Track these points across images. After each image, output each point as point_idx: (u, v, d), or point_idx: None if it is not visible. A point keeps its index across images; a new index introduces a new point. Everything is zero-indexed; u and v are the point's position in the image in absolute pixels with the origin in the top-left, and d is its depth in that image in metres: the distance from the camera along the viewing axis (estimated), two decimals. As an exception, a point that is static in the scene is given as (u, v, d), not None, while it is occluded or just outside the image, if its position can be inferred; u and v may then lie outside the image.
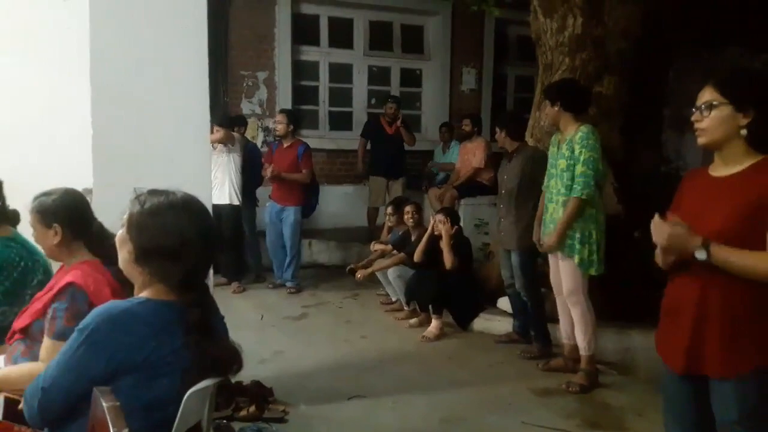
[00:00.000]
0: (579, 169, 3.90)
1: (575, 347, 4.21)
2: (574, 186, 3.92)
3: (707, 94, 2.02)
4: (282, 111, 6.71)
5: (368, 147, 7.86)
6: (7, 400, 1.91)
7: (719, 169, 2.06)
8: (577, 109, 4.03)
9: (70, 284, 2.21)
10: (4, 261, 2.58)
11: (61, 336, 2.07)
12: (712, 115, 1.99)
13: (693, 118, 2.04)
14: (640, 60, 5.22)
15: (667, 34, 5.85)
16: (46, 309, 2.22)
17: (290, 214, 6.34)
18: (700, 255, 1.92)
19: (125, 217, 1.82)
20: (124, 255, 1.82)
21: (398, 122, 7.55)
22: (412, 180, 7.93)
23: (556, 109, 4.02)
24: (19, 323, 2.33)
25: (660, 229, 2.01)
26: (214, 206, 4.27)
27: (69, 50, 3.09)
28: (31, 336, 2.29)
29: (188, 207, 1.81)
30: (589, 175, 3.89)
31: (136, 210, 1.79)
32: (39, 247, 2.49)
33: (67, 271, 2.30)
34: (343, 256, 7.32)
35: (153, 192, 1.83)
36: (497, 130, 4.77)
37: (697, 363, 2.06)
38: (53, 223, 2.33)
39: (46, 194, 2.40)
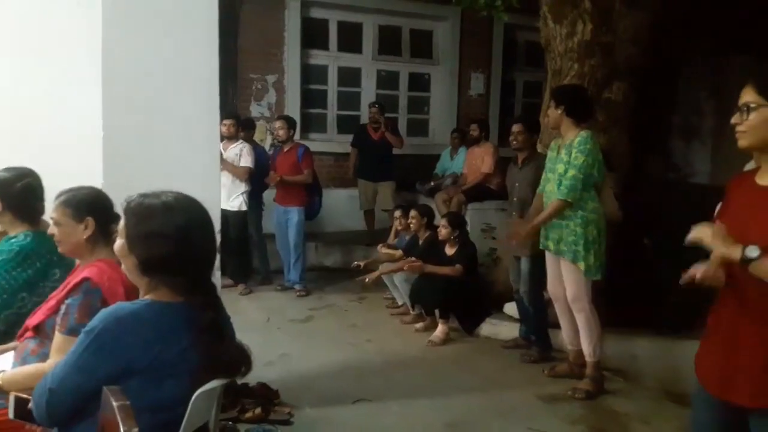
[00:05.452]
0: (570, 172, 3.92)
1: (580, 353, 4.20)
2: (561, 188, 3.94)
3: (747, 95, 1.87)
4: (280, 117, 6.78)
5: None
6: (17, 399, 1.92)
7: (765, 177, 1.92)
8: (579, 116, 4.05)
9: (85, 280, 2.20)
10: (31, 251, 2.61)
11: (72, 331, 2.06)
12: (751, 118, 1.85)
13: (733, 120, 1.90)
14: (648, 67, 5.22)
15: (676, 41, 5.85)
16: (60, 305, 2.22)
17: (294, 215, 6.40)
18: (751, 252, 1.75)
19: (120, 226, 1.82)
20: (128, 266, 1.83)
21: (383, 129, 7.55)
22: (404, 183, 7.90)
23: (559, 112, 4.05)
24: (32, 321, 2.34)
25: (705, 231, 1.85)
26: (221, 210, 4.30)
27: (81, 54, 3.11)
28: (42, 334, 2.29)
29: (183, 208, 1.81)
30: (578, 179, 3.90)
31: (132, 222, 1.79)
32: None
33: (84, 269, 2.29)
34: (349, 259, 7.33)
35: (144, 196, 1.81)
36: (522, 130, 4.65)
37: (729, 389, 1.91)
38: (86, 216, 2.32)
39: (72, 190, 2.39)
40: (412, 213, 5.82)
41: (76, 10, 3.12)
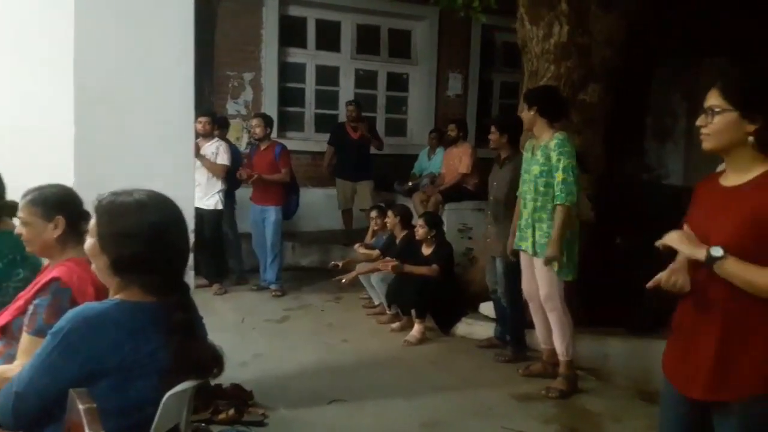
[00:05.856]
0: (560, 176, 3.94)
1: (553, 352, 4.24)
2: (557, 194, 3.96)
3: (712, 99, 1.89)
4: (257, 115, 6.74)
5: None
6: None
7: (729, 178, 1.95)
8: (552, 116, 4.08)
9: (54, 279, 2.16)
10: None
11: (40, 332, 2.01)
12: (716, 121, 1.87)
13: (698, 122, 1.93)
14: (624, 69, 5.28)
15: (651, 43, 5.92)
16: (28, 305, 2.17)
17: (271, 214, 6.36)
18: (716, 252, 1.81)
19: (91, 225, 1.79)
20: (99, 265, 1.80)
21: (362, 131, 7.56)
22: (383, 183, 7.91)
23: (532, 113, 4.08)
24: None
25: (673, 236, 1.93)
26: (196, 209, 4.26)
27: (52, 49, 3.06)
28: (9, 335, 2.24)
29: (156, 206, 1.78)
30: (570, 181, 3.93)
31: (104, 221, 1.76)
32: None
33: (53, 268, 2.24)
34: (326, 259, 7.30)
35: (116, 194, 1.78)
36: (495, 131, 4.68)
37: (689, 385, 1.96)
38: (56, 215, 2.26)
39: (39, 188, 2.32)
40: (388, 213, 5.83)
41: (48, 5, 3.07)
